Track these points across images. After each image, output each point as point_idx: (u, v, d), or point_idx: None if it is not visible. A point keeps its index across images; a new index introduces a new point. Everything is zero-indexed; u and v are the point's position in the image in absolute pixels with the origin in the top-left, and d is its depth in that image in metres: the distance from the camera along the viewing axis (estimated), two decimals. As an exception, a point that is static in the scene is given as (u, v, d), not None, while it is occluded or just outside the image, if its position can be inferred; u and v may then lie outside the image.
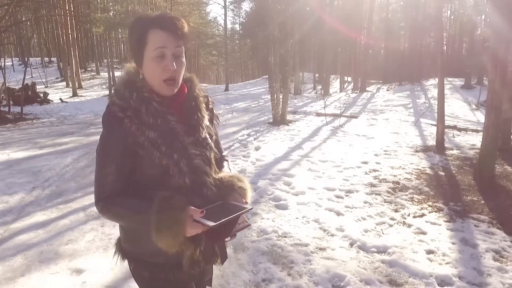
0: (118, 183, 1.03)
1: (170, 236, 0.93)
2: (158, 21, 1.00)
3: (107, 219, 1.07)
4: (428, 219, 3.46)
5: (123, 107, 1.00)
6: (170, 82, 1.02)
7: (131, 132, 0.99)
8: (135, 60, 1.06)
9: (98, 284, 2.43)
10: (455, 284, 2.43)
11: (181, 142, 1.04)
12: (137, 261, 1.11)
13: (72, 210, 3.77)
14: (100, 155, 1.04)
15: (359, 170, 5.16)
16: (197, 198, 1.03)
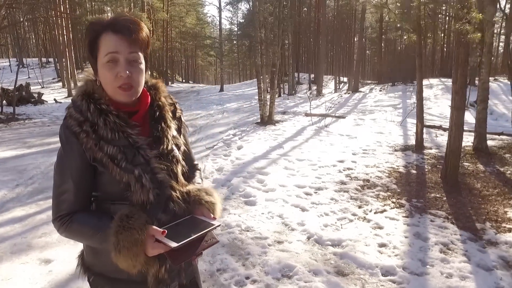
0: (76, 200, 0.98)
1: (129, 257, 0.89)
2: (111, 24, 0.95)
3: (66, 237, 1.02)
4: (388, 215, 3.64)
5: (79, 121, 0.95)
6: (125, 87, 0.96)
7: (88, 147, 0.94)
8: (91, 67, 1.01)
9: (63, 272, 2.60)
10: (398, 274, 2.61)
11: (143, 156, 0.98)
12: (99, 277, 1.06)
13: (50, 206, 3.91)
14: (57, 171, 1.00)
15: (333, 168, 5.34)
16: (163, 214, 0.98)
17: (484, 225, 3.43)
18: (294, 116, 11.52)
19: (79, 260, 1.13)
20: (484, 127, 6.71)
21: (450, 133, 4.49)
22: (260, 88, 9.65)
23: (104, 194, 1.00)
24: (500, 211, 3.77)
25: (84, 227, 0.96)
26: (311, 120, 9.78)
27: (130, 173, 0.95)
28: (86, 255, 1.10)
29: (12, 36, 30.04)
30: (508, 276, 2.60)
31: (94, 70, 1.00)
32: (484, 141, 6.78)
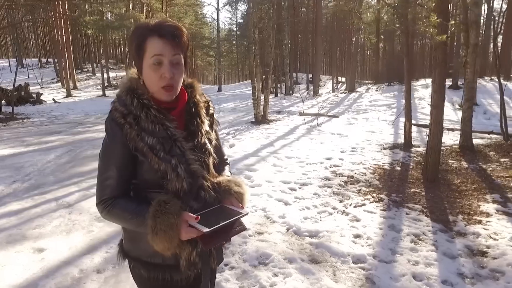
0: (118, 186, 1.07)
1: (165, 240, 0.97)
2: (156, 28, 1.03)
3: (107, 220, 1.11)
4: (367, 208, 3.82)
5: (124, 113, 1.04)
6: (168, 89, 1.05)
7: (131, 138, 1.03)
8: (136, 67, 1.10)
9: (55, 260, 2.78)
10: (368, 261, 2.78)
11: (179, 147, 1.07)
12: (136, 261, 1.14)
13: (45, 200, 4.12)
14: (102, 159, 1.08)
15: (320, 165, 5.52)
16: (195, 201, 1.07)
17: (456, 218, 3.61)
18: (289, 116, 11.70)
19: (119, 248, 1.21)
20: (470, 125, 6.88)
21: (430, 130, 4.67)
22: (254, 88, 9.82)
23: (142, 182, 1.08)
24: (474, 205, 3.94)
25: (124, 211, 1.04)
26: (304, 120, 9.96)
27: (167, 163, 1.04)
28: (125, 242, 1.18)
29: (12, 36, 30.22)
30: (470, 263, 2.78)
31: (138, 69, 1.09)
32: (470, 139, 6.95)
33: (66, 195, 4.30)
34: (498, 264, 2.76)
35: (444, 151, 6.91)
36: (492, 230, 3.32)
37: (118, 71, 30.42)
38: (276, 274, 2.58)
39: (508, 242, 3.10)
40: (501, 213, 3.71)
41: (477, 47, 6.55)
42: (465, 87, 6.98)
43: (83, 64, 32.72)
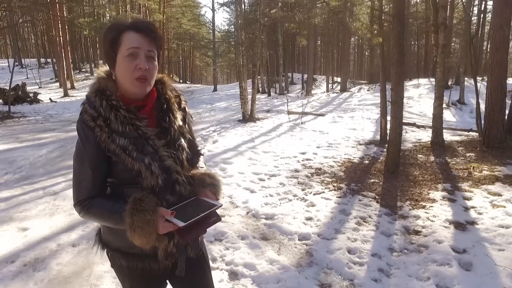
0: (94, 187, 1.09)
1: (143, 236, 1.01)
2: (133, 24, 1.08)
3: (86, 219, 1.17)
4: (324, 196, 4.19)
5: (93, 116, 1.06)
6: (141, 80, 1.07)
7: (103, 140, 1.05)
8: (108, 61, 1.11)
9: (36, 237, 3.16)
10: (311, 239, 3.16)
11: (151, 145, 1.09)
12: (116, 251, 1.18)
13: (33, 189, 4.50)
14: (76, 161, 1.11)
15: (293, 159, 5.89)
16: (170, 195, 1.10)
17: (403, 204, 3.98)
18: (277, 114, 12.06)
19: (96, 238, 1.26)
20: (440, 122, 7.25)
21: (390, 125, 5.03)
22: (242, 87, 10.19)
23: (118, 180, 1.12)
24: (424, 193, 4.32)
25: (102, 210, 1.08)
26: (289, 118, 10.33)
27: (141, 162, 1.06)
28: (103, 234, 1.22)
29: (12, 36, 30.64)
30: (402, 240, 3.15)
31: (111, 65, 1.11)
32: (441, 135, 7.32)
33: (53, 185, 4.68)
34: (426, 240, 3.13)
35: (417, 147, 7.29)
36: (432, 214, 3.69)
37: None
38: (227, 248, 2.96)
39: (442, 223, 3.47)
40: (445, 200, 4.08)
41: (445, 47, 6.91)
42: (435, 86, 7.33)
43: (82, 64, 33.12)
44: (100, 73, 1.15)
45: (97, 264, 2.76)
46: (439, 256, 2.84)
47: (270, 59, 23.34)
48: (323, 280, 2.58)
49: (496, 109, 6.71)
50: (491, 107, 6.78)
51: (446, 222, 3.49)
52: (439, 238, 3.14)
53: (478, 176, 4.93)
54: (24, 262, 2.76)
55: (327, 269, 2.71)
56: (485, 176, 4.93)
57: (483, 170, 5.22)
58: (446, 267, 2.70)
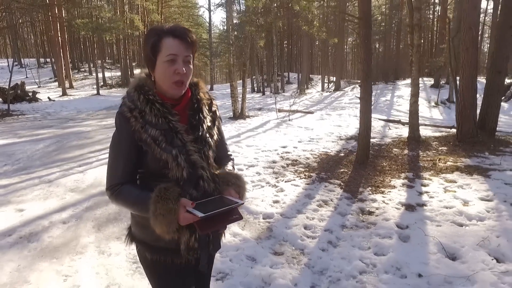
0: (125, 174, 1.17)
1: (165, 223, 1.06)
2: (171, 30, 1.15)
3: (115, 204, 1.21)
4: (294, 183, 4.60)
5: (131, 108, 1.15)
6: (179, 84, 1.16)
7: (136, 130, 1.13)
8: (148, 64, 1.19)
9: (31, 216, 3.57)
10: (274, 217, 3.56)
11: (180, 139, 1.15)
12: (142, 244, 1.25)
13: (30, 178, 4.91)
14: (112, 149, 1.19)
15: (274, 152, 6.30)
16: (194, 190, 1.15)
17: (364, 189, 4.39)
18: (267, 112, 12.47)
19: (127, 231, 1.34)
20: (416, 118, 7.65)
21: (360, 120, 5.44)
22: (232, 86, 10.60)
23: (147, 171, 1.19)
24: (386, 180, 4.72)
25: (129, 196, 1.15)
26: (277, 115, 10.74)
27: (169, 153, 1.13)
28: (132, 227, 1.31)
29: (11, 37, 31.06)
30: (354, 219, 3.55)
31: (150, 67, 1.19)
32: (417, 130, 7.72)
33: (48, 174, 5.09)
34: (376, 219, 3.54)
35: (396, 141, 7.69)
36: (388, 198, 4.10)
37: (114, 71, 31.24)
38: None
39: (395, 205, 3.88)
40: (404, 186, 4.49)
41: (420, 47, 7.31)
42: (411, 83, 7.73)
43: (81, 64, 33.54)
44: (141, 73, 1.25)
45: (83, 237, 3.17)
46: (383, 231, 3.25)
47: (266, 59, 23.74)
48: (277, 249, 2.99)
49: (467, 106, 7.11)
50: (463, 104, 7.19)
51: (398, 204, 3.90)
52: (388, 217, 3.55)
53: (441, 167, 5.34)
54: (20, 236, 3.18)
55: (283, 241, 3.12)
56: (448, 166, 5.34)
57: (448, 162, 5.63)
58: (386, 239, 3.10)
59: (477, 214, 3.53)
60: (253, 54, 19.66)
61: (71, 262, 2.76)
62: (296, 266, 2.72)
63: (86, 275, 2.59)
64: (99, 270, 2.65)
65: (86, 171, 5.28)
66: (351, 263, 2.75)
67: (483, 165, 5.37)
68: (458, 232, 3.19)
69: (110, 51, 40.86)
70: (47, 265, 2.71)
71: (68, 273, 2.61)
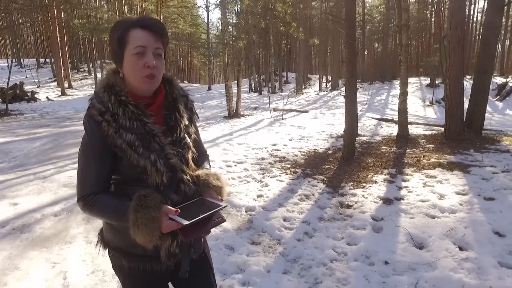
0: (98, 182, 1.08)
1: (146, 233, 0.99)
2: (139, 21, 1.07)
3: (89, 215, 1.12)
4: (279, 178, 4.77)
5: (101, 111, 1.05)
6: (150, 77, 1.06)
7: (109, 135, 1.04)
8: (115, 60, 1.10)
9: (24, 209, 3.75)
10: (255, 210, 3.73)
11: (158, 142, 1.08)
12: (117, 251, 1.17)
13: (25, 174, 5.08)
14: (81, 156, 1.09)
15: (264, 149, 6.46)
16: (175, 194, 1.09)
17: (346, 184, 4.56)
18: (262, 111, 12.64)
19: (98, 237, 1.26)
20: (405, 116, 7.82)
21: (345, 118, 5.60)
22: (227, 85, 10.77)
23: (122, 177, 1.11)
24: (369, 176, 4.89)
25: (105, 207, 1.07)
26: (271, 114, 10.91)
27: (147, 158, 1.05)
28: (105, 232, 1.22)
29: (11, 37, 31.29)
30: (332, 211, 3.72)
31: (118, 63, 1.10)
32: (406, 128, 7.89)
33: (43, 171, 5.27)
34: (353, 212, 3.71)
35: (385, 139, 7.85)
36: (368, 192, 4.27)
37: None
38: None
39: (374, 199, 4.04)
40: (385, 181, 4.65)
41: (408, 47, 7.47)
42: (400, 82, 7.89)
43: (80, 64, 33.74)
44: (109, 70, 1.15)
45: (73, 228, 3.34)
46: (358, 223, 3.42)
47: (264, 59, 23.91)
48: (255, 239, 3.16)
49: (454, 104, 7.27)
50: (450, 103, 7.35)
51: (377, 198, 4.06)
52: (364, 210, 3.72)
53: (424, 163, 5.50)
54: (12, 227, 3.35)
55: (261, 232, 3.29)
56: (431, 163, 5.50)
57: (432, 158, 5.79)
58: (360, 230, 3.27)
59: (450, 207, 3.69)
60: (250, 54, 19.85)
61: (60, 250, 2.94)
62: (271, 255, 2.89)
63: (73, 262, 2.77)
64: (86, 258, 2.83)
65: (80, 168, 5.45)
66: (323, 252, 2.91)
67: (465, 161, 5.53)
68: (428, 223, 3.35)
69: (108, 51, 40.99)
70: (37, 254, 2.88)
71: (57, 260, 2.79)
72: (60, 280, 2.53)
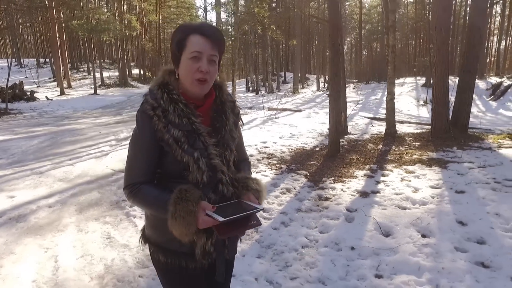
0: (144, 173, 1.14)
1: (183, 225, 1.03)
2: (199, 28, 1.14)
3: (132, 203, 1.19)
4: (264, 173, 5.00)
5: (154, 106, 1.12)
6: (202, 81, 1.13)
7: (158, 129, 1.10)
8: (174, 60, 1.17)
9: (21, 201, 3.98)
10: (239, 202, 3.96)
11: (203, 142, 1.13)
12: (156, 247, 1.23)
13: (22, 170, 5.32)
14: (131, 147, 1.16)
15: (253, 147, 6.69)
16: (213, 194, 1.14)
17: (327, 179, 4.78)
18: (257, 111, 12.86)
19: (141, 233, 1.32)
20: (392, 115, 8.04)
21: (329, 115, 5.83)
22: (222, 85, 11.01)
23: (166, 172, 1.17)
24: (350, 171, 5.11)
25: (148, 197, 1.12)
26: (264, 113, 11.13)
27: (190, 155, 1.11)
28: (146, 228, 1.28)
29: (11, 37, 31.59)
30: (310, 203, 3.95)
31: (176, 63, 1.17)
32: (393, 126, 8.11)
33: (40, 167, 5.50)
34: (329, 204, 3.93)
35: (373, 137, 8.08)
36: (347, 186, 4.49)
37: (113, 71, 31.68)
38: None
39: (351, 192, 4.27)
40: (365, 176, 4.88)
41: (395, 47, 7.69)
42: (388, 82, 8.11)
43: (80, 64, 34.01)
44: (165, 70, 1.21)
45: (66, 218, 3.58)
46: (332, 213, 3.64)
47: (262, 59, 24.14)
48: (235, 228, 3.38)
49: (440, 103, 7.49)
50: (436, 101, 7.57)
51: (355, 192, 4.29)
52: (340, 202, 3.95)
53: (406, 160, 5.73)
54: (9, 217, 3.59)
55: (242, 221, 3.52)
56: (412, 159, 5.73)
57: (414, 155, 6.01)
58: (333, 220, 3.50)
59: (421, 199, 3.92)
60: (247, 54, 20.08)
61: (53, 238, 3.17)
62: (248, 242, 3.12)
63: (64, 248, 3.00)
64: (76, 244, 3.06)
65: (76, 164, 5.69)
66: (296, 239, 3.14)
67: (446, 158, 5.76)
68: (398, 214, 3.58)
69: (109, 51, 41.33)
70: (31, 240, 3.12)
71: (49, 246, 3.02)
72: (51, 263, 2.76)
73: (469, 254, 2.79)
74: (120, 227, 3.40)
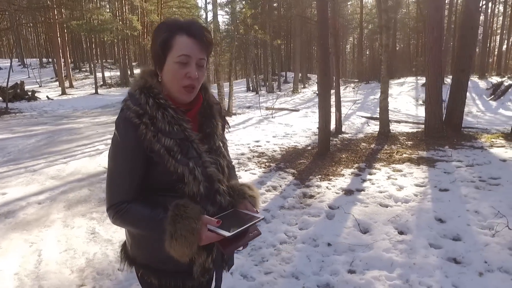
0: (129, 190, 1.01)
1: (185, 245, 0.93)
2: (186, 27, 1.02)
3: (119, 225, 1.05)
4: (252, 172, 5.06)
5: (139, 113, 0.99)
6: (189, 89, 1.03)
7: (147, 139, 0.98)
8: (156, 63, 1.06)
9: (11, 198, 4.09)
10: (224, 199, 4.03)
11: (196, 149, 1.04)
12: (145, 269, 1.10)
13: (17, 168, 5.43)
14: (112, 159, 1.03)
15: (246, 146, 6.76)
16: (211, 205, 1.05)
17: (314, 177, 4.84)
18: (255, 110, 12.93)
19: (122, 254, 1.17)
20: (386, 114, 8.07)
21: (319, 115, 5.88)
22: (219, 84, 11.09)
23: (155, 185, 1.04)
24: (338, 170, 5.17)
25: (139, 217, 0.99)
26: (260, 113, 11.20)
27: (185, 166, 1.00)
28: (130, 248, 1.13)
29: (14, 37, 31.92)
30: (294, 201, 4.01)
31: (159, 65, 1.05)
32: (387, 126, 8.15)
33: (34, 165, 5.61)
34: (313, 201, 3.99)
35: (367, 136, 8.11)
36: (333, 184, 4.55)
37: (115, 70, 31.90)
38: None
39: (336, 190, 4.33)
40: (352, 174, 4.93)
41: (388, 47, 7.73)
42: (381, 81, 8.14)
43: (82, 64, 34.27)
44: (145, 71, 1.10)
45: (53, 214, 3.67)
46: (314, 211, 3.70)
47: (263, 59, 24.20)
48: (217, 224, 3.45)
49: (433, 102, 7.52)
50: (429, 101, 7.60)
51: (339, 189, 4.35)
52: (324, 200, 4.00)
53: (395, 158, 5.77)
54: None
55: (224, 218, 3.59)
56: (402, 158, 5.77)
57: (404, 154, 6.05)
58: (314, 218, 3.56)
59: (404, 197, 3.97)
60: (247, 54, 20.15)
61: (39, 233, 3.26)
62: (228, 237, 3.19)
63: (49, 242, 3.09)
64: (61, 239, 3.15)
65: (69, 162, 5.80)
66: (275, 235, 3.21)
67: (435, 157, 5.79)
68: (378, 211, 3.64)
69: (111, 51, 41.57)
70: (17, 235, 3.21)
71: (34, 241, 3.11)
72: (35, 257, 2.85)
73: (442, 251, 2.84)
74: (106, 223, 3.49)
